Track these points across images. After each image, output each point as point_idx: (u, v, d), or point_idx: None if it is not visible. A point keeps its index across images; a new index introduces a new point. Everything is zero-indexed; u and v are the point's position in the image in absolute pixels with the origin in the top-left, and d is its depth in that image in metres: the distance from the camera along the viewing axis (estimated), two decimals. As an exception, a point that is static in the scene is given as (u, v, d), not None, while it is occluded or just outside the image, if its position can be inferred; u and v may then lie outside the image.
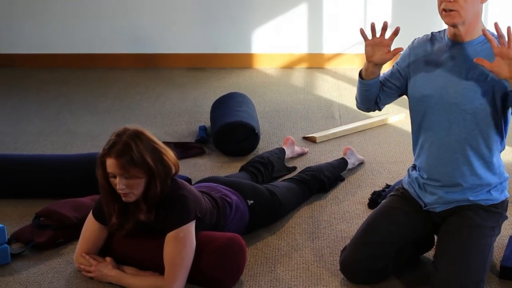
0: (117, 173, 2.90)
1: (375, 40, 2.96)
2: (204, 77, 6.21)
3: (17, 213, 3.71)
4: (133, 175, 2.89)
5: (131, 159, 2.87)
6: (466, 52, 2.89)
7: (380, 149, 4.49)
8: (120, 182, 2.90)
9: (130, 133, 2.93)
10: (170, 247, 2.92)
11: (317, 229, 3.52)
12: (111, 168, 2.90)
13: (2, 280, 3.10)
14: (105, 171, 2.94)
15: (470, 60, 2.86)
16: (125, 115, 5.25)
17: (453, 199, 2.98)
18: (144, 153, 2.90)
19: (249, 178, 3.79)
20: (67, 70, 6.44)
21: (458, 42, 2.90)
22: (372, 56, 2.97)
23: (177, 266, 2.90)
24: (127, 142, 2.90)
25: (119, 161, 2.87)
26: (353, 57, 6.42)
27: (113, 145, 2.91)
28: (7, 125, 5.07)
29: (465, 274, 2.78)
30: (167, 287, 2.90)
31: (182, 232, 2.92)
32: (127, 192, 2.91)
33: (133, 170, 2.89)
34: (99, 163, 2.95)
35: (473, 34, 2.87)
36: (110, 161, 2.90)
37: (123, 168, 2.88)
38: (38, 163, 3.94)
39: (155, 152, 2.95)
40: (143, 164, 2.89)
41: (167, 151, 3.02)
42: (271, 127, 4.93)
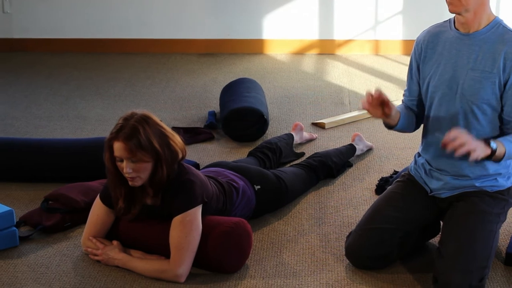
0: (124, 157, 2.91)
1: (370, 103, 2.94)
2: (215, 63, 6.21)
3: (26, 196, 3.73)
4: (140, 159, 2.91)
5: (139, 142, 2.89)
6: (473, 42, 2.88)
7: (389, 135, 4.48)
8: (127, 166, 2.91)
9: (138, 117, 2.94)
10: (176, 231, 2.93)
11: (324, 215, 3.53)
12: (118, 151, 2.92)
13: (10, 262, 3.13)
14: (112, 155, 2.95)
15: (477, 51, 2.86)
16: (135, 100, 5.27)
17: (459, 185, 2.98)
18: (151, 137, 2.92)
19: (256, 163, 3.80)
20: (78, 55, 6.46)
21: (465, 33, 2.89)
22: (377, 114, 2.98)
23: (183, 250, 2.91)
24: (135, 126, 2.91)
25: (126, 144, 2.89)
26: (364, 43, 6.41)
27: (121, 129, 2.92)
28: (17, 109, 5.10)
29: (470, 260, 2.78)
30: (173, 270, 2.92)
31: (189, 216, 2.93)
32: (134, 176, 2.93)
33: (140, 153, 2.90)
34: (107, 147, 2.97)
35: (480, 23, 2.86)
36: (117, 145, 2.91)
37: (131, 151, 2.89)
38: (48, 147, 3.96)
39: (162, 137, 2.97)
40: (150, 148, 2.91)
41: (174, 136, 3.03)
42: (280, 113, 4.94)
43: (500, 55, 2.81)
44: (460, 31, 2.91)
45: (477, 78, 2.86)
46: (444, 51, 2.96)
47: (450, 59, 2.93)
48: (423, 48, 3.03)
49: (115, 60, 6.32)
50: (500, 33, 2.84)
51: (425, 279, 2.94)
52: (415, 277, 2.98)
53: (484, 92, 2.85)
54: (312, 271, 3.05)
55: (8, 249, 3.22)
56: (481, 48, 2.85)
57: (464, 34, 2.90)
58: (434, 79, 2.98)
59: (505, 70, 2.81)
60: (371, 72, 5.88)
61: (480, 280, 2.79)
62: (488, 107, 2.87)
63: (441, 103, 2.97)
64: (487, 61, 2.84)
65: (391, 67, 5.97)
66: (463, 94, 2.89)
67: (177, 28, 6.53)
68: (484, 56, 2.84)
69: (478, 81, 2.86)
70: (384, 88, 5.43)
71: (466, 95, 2.89)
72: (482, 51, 2.85)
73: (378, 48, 6.41)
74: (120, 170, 2.96)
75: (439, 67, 2.96)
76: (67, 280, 3.00)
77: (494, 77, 2.83)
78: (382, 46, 6.40)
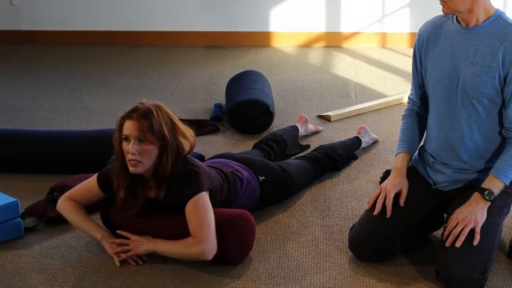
0: (133, 136, 2.92)
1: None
2: (222, 55, 6.21)
3: (32, 188, 3.75)
4: (148, 140, 2.92)
5: (151, 124, 2.91)
6: (473, 36, 2.88)
7: (395, 128, 4.48)
8: (133, 146, 2.92)
9: (153, 103, 3.00)
10: (193, 216, 2.95)
11: (328, 207, 3.53)
12: (128, 130, 2.93)
13: (15, 253, 3.15)
14: (121, 135, 2.96)
15: (477, 45, 2.86)
16: (142, 92, 5.28)
17: (462, 178, 2.98)
18: (163, 123, 2.95)
19: (261, 155, 3.81)
20: (86, 47, 6.48)
21: (465, 27, 2.89)
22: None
23: (204, 227, 2.92)
24: (150, 108, 2.95)
25: (139, 122, 2.91)
26: (371, 36, 6.40)
27: (136, 109, 2.95)
28: (25, 101, 5.12)
29: (472, 253, 2.78)
30: (200, 244, 2.91)
31: (200, 200, 2.95)
32: (137, 160, 2.93)
33: (149, 135, 2.91)
34: (118, 126, 2.98)
35: (478, 18, 2.86)
36: (129, 123, 2.93)
37: (141, 130, 2.90)
38: (54, 139, 3.97)
39: (172, 128, 2.99)
40: (159, 133, 2.93)
41: (187, 130, 3.06)
42: (286, 105, 4.94)
43: (500, 50, 2.81)
44: (461, 24, 2.91)
45: (477, 72, 2.86)
46: (445, 43, 2.95)
47: (451, 52, 2.93)
48: (425, 40, 3.03)
49: (122, 52, 6.33)
50: (500, 27, 2.84)
51: (428, 272, 2.95)
52: (418, 269, 2.99)
53: (484, 86, 2.84)
54: (316, 263, 3.06)
55: (13, 240, 3.24)
56: (481, 42, 2.85)
57: (465, 28, 2.89)
58: (435, 72, 2.98)
59: (504, 64, 2.81)
60: (378, 64, 5.87)
61: (483, 273, 2.79)
62: (489, 101, 2.86)
63: (442, 96, 2.97)
64: (486, 55, 2.84)
65: (398, 60, 5.96)
66: (463, 88, 2.89)
67: (184, 20, 6.53)
68: (484, 50, 2.84)
69: (478, 75, 2.86)
70: (391, 81, 5.43)
71: (466, 89, 2.89)
72: (482, 45, 2.85)
73: (385, 41, 6.40)
74: (125, 153, 2.96)
75: (441, 60, 2.96)
76: (71, 271, 3.01)
77: (494, 71, 2.83)
78: (389, 39, 6.39)
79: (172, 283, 2.92)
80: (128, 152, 2.93)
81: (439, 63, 2.96)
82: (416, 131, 3.16)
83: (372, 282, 2.91)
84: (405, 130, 3.17)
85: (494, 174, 2.87)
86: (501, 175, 2.86)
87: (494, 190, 2.86)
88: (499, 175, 2.86)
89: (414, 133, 3.16)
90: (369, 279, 2.93)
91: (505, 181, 2.87)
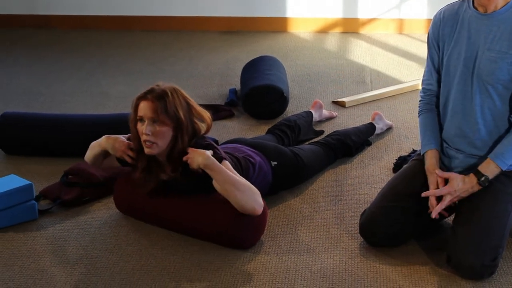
0: (147, 117, 2.94)
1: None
2: (238, 40, 6.21)
3: (47, 171, 3.78)
4: (162, 122, 2.94)
5: (165, 106, 2.93)
6: (491, 22, 2.86)
7: (409, 114, 4.47)
8: (148, 127, 2.94)
9: (169, 86, 3.02)
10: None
11: (340, 193, 3.54)
12: (143, 110, 2.95)
13: (29, 235, 3.19)
14: (137, 116, 2.98)
15: (494, 31, 2.85)
16: (157, 77, 5.29)
17: (474, 164, 2.97)
18: (178, 105, 2.97)
19: (275, 140, 3.81)
20: (102, 32, 6.50)
21: (483, 13, 2.88)
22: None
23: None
24: (165, 90, 2.98)
25: (154, 103, 2.93)
26: (389, 22, 6.36)
27: (151, 91, 2.98)
28: (42, 85, 5.15)
29: (483, 239, 2.78)
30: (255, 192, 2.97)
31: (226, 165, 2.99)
32: (151, 141, 2.95)
33: (163, 116, 2.94)
34: (133, 107, 3.01)
35: (497, 4, 2.84)
36: (144, 103, 2.95)
37: (156, 111, 2.93)
38: (70, 122, 4.00)
39: (188, 110, 3.01)
40: (174, 115, 2.95)
41: (203, 112, 3.08)
42: (301, 91, 4.94)
43: None
44: (479, 10, 2.89)
45: (493, 58, 2.84)
46: (462, 29, 2.94)
47: (468, 38, 2.91)
48: (441, 26, 3.02)
49: (138, 37, 6.34)
50: None
51: (439, 258, 2.95)
52: (429, 255, 2.99)
53: (500, 73, 2.83)
54: (326, 248, 3.07)
55: (28, 222, 3.28)
56: (499, 28, 2.84)
57: (482, 14, 2.88)
58: (452, 58, 2.97)
59: None
60: (394, 51, 5.85)
61: (493, 259, 2.79)
62: (503, 87, 2.85)
63: (458, 82, 2.96)
64: (503, 41, 2.82)
65: (414, 46, 5.93)
66: (479, 74, 2.88)
67: (200, 5, 6.52)
68: (501, 36, 2.83)
69: (494, 61, 2.84)
70: (407, 67, 5.42)
71: (482, 75, 2.87)
72: (499, 31, 2.83)
73: (402, 27, 6.37)
74: (140, 134, 2.99)
75: (457, 45, 2.95)
76: (84, 253, 3.04)
77: (510, 57, 2.81)
78: (407, 25, 6.36)
79: (183, 266, 2.94)
80: (143, 133, 2.95)
81: (456, 49, 2.95)
82: (437, 125, 3.11)
83: (382, 267, 2.91)
84: (426, 126, 3.12)
85: (492, 158, 2.88)
86: (499, 160, 2.87)
87: (490, 175, 2.87)
88: (497, 160, 2.87)
89: (435, 128, 3.11)
90: (379, 265, 2.93)
91: (502, 166, 2.87)
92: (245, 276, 2.87)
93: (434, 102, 3.14)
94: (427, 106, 3.16)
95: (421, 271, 2.88)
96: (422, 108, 3.18)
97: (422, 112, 3.18)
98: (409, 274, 2.87)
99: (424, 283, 2.81)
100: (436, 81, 3.12)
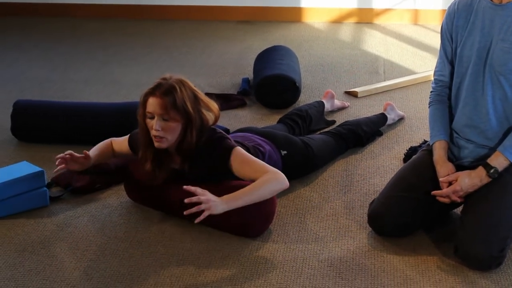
0: (156, 113, 2.95)
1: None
2: (252, 30, 6.22)
3: (59, 158, 3.81)
4: (172, 118, 2.95)
5: (174, 101, 2.93)
6: (506, 13, 2.85)
7: (422, 105, 4.46)
8: (157, 123, 2.95)
9: (176, 79, 3.01)
10: (245, 166, 3.00)
11: (350, 182, 3.54)
12: (152, 107, 2.96)
13: (40, 221, 3.22)
14: (145, 111, 3.00)
15: (509, 21, 2.84)
16: (171, 66, 5.31)
17: (484, 154, 2.97)
18: (186, 99, 2.96)
19: (286, 130, 3.82)
20: (118, 20, 6.52)
21: (497, 3, 2.87)
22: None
23: (265, 166, 2.99)
24: (173, 85, 2.97)
25: (162, 100, 2.93)
26: (403, 12, 6.34)
27: (159, 86, 2.98)
28: (55, 73, 5.19)
29: (491, 230, 2.78)
30: (275, 174, 2.97)
31: (239, 153, 3.00)
32: (161, 136, 2.97)
33: (173, 112, 2.94)
34: (141, 102, 3.01)
35: None
36: (152, 100, 2.96)
37: (165, 108, 2.93)
38: (82, 110, 4.03)
39: (196, 102, 3.01)
40: (183, 109, 2.95)
41: (210, 103, 3.08)
42: (314, 81, 4.93)
43: None
44: (493, 1, 2.88)
45: (506, 49, 2.84)
46: (476, 20, 2.93)
47: (482, 29, 2.91)
48: (455, 17, 3.01)
49: (153, 26, 6.36)
50: None
51: (447, 248, 2.95)
52: (437, 246, 2.99)
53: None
54: (335, 237, 3.07)
55: (39, 209, 3.31)
56: None
57: (497, 4, 2.87)
58: (465, 48, 2.96)
59: None
60: (409, 41, 5.83)
61: (501, 250, 2.79)
62: None
63: (471, 73, 2.95)
64: None
65: (429, 37, 5.91)
66: (491, 64, 2.88)
67: (215, -5, 6.55)
68: None
69: (507, 51, 2.83)
70: (420, 58, 5.40)
71: (494, 65, 2.87)
72: None
73: (417, 18, 6.34)
74: (149, 128, 3.00)
75: (470, 36, 2.94)
76: (93, 240, 3.07)
77: None
78: (422, 16, 6.33)
79: (192, 254, 2.96)
80: (153, 128, 2.97)
81: (469, 39, 2.94)
82: (447, 116, 3.11)
83: (390, 257, 2.92)
84: (436, 116, 3.12)
85: (501, 151, 2.87)
86: (508, 153, 2.86)
87: (499, 168, 2.86)
88: (506, 152, 2.86)
89: (445, 118, 3.11)
90: (386, 254, 2.94)
91: (511, 159, 2.86)
92: (253, 264, 2.89)
93: (446, 93, 3.13)
94: (438, 97, 3.15)
95: (428, 261, 2.89)
96: (433, 99, 3.18)
97: (432, 103, 3.17)
98: (416, 264, 2.87)
99: (431, 273, 2.81)
100: (448, 73, 3.11)
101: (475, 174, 2.89)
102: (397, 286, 2.74)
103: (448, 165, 3.00)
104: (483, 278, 2.78)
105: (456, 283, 2.76)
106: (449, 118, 3.11)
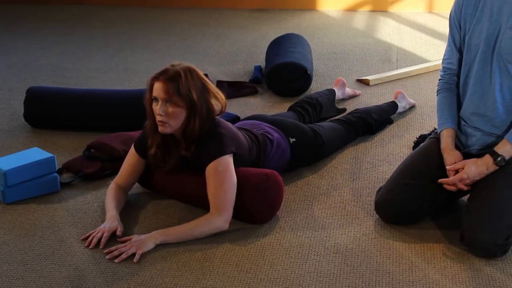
0: (160, 97, 2.97)
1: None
2: (266, 18, 6.22)
3: (71, 145, 3.85)
4: (175, 103, 2.96)
5: (177, 87, 2.95)
6: None
7: (433, 94, 4.39)
8: (161, 107, 2.97)
9: (184, 66, 3.02)
10: (211, 182, 2.99)
11: (359, 170, 3.55)
12: (156, 91, 2.98)
13: (51, 207, 3.25)
14: (151, 96, 3.02)
15: None
16: (185, 54, 5.33)
17: (491, 142, 2.97)
18: (191, 87, 2.97)
19: (296, 117, 3.83)
20: (134, 9, 6.55)
21: None
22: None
23: (220, 198, 2.96)
24: (179, 71, 2.98)
25: (166, 85, 2.95)
26: (418, 0, 6.32)
27: (165, 71, 3.00)
28: (70, 61, 5.22)
29: (496, 218, 2.78)
30: (214, 216, 2.96)
31: (221, 166, 2.98)
32: (164, 121, 2.98)
33: (176, 98, 2.96)
34: (148, 87, 3.04)
35: None
36: (157, 84, 2.98)
37: (167, 93, 2.95)
38: (94, 97, 4.05)
39: (203, 91, 3.02)
40: (187, 96, 2.96)
41: (218, 93, 3.08)
42: (326, 69, 4.94)
43: None
44: (501, -12, 2.88)
45: (513, 36, 2.83)
46: (484, 8, 2.93)
47: (490, 16, 2.90)
48: (463, 5, 3.00)
49: (167, 14, 6.38)
50: None
51: (453, 236, 2.95)
52: (443, 233, 2.99)
53: None
54: (341, 224, 3.09)
55: (49, 194, 3.35)
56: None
57: (506, -9, 2.86)
58: (473, 36, 2.96)
59: None
60: (423, 30, 5.82)
61: (507, 238, 2.79)
62: None
63: (479, 61, 2.95)
64: None
65: (443, 25, 5.89)
66: (499, 52, 2.87)
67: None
68: None
69: (514, 39, 2.83)
70: (434, 46, 5.38)
71: (502, 53, 2.87)
72: None
73: (432, 6, 6.32)
74: (154, 113, 3.02)
75: (479, 24, 2.94)
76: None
77: None
78: (436, 4, 6.31)
79: (199, 239, 2.97)
80: (157, 113, 2.99)
81: (477, 27, 2.94)
82: (455, 104, 3.11)
83: (396, 244, 2.93)
84: (444, 104, 3.12)
85: (508, 139, 2.87)
86: None
87: (506, 156, 2.86)
88: None
89: (453, 106, 3.11)
90: (393, 241, 2.95)
91: None
92: (259, 250, 2.91)
93: (454, 81, 3.13)
94: (446, 85, 3.15)
95: (434, 249, 2.89)
96: (441, 87, 3.18)
97: (440, 91, 3.17)
98: (422, 251, 2.88)
99: (436, 260, 2.82)
100: (457, 60, 3.11)
101: (482, 162, 2.89)
102: (402, 273, 2.75)
103: (455, 153, 3.00)
104: (489, 266, 2.78)
105: (462, 270, 2.76)
106: (457, 106, 3.11)
